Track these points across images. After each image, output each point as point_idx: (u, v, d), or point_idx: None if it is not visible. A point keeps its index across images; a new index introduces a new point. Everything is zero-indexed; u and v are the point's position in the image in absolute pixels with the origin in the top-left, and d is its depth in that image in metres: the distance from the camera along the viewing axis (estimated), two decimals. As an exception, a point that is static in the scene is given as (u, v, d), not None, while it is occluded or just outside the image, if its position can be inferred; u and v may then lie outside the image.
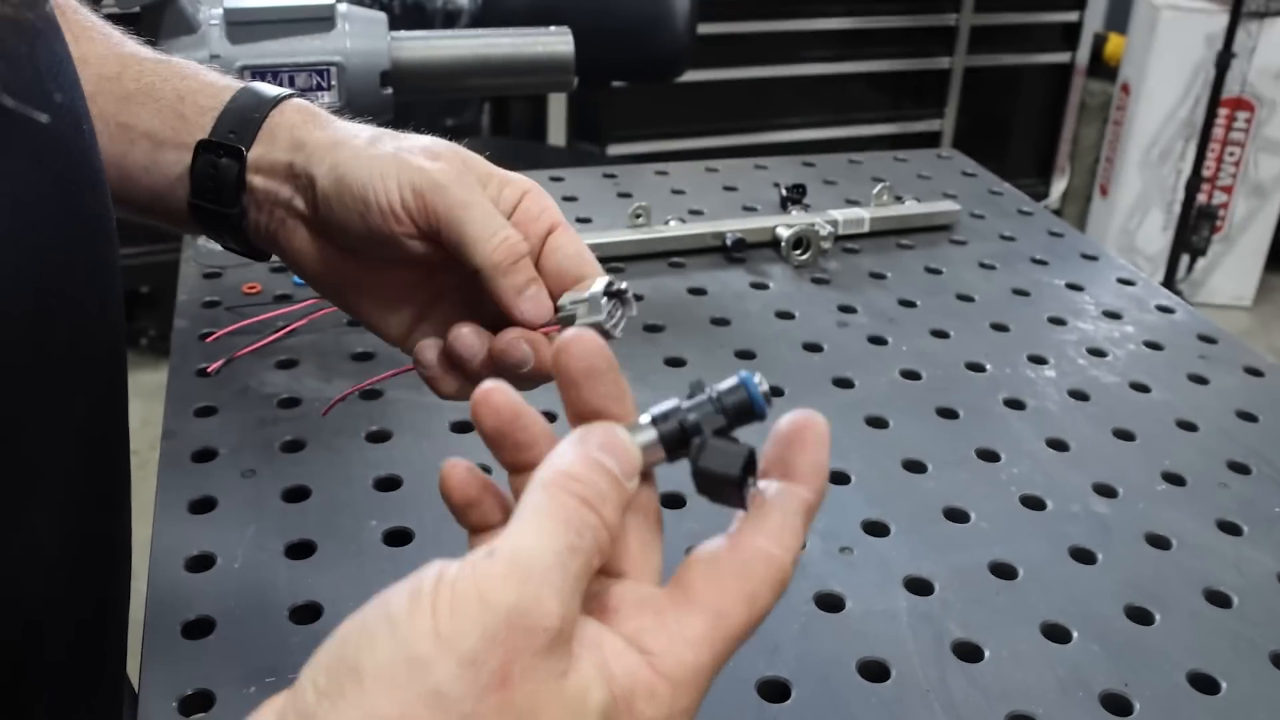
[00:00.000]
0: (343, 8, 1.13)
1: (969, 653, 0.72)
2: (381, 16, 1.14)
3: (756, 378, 0.42)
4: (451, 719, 0.33)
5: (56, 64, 0.52)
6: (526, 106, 3.06)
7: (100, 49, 0.67)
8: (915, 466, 0.89)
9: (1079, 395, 1.00)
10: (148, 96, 0.65)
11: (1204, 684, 0.70)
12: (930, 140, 3.57)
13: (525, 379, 0.57)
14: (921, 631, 0.73)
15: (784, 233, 1.20)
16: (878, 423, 0.95)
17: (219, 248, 0.83)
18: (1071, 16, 3.60)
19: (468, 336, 0.58)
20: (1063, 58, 3.65)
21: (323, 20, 1.11)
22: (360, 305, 0.65)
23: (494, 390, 0.43)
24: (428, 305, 0.64)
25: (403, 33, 1.15)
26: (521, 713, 0.34)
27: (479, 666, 0.33)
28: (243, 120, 0.63)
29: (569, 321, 0.57)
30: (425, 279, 0.63)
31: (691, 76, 2.62)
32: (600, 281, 0.57)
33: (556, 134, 3.02)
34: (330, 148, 0.61)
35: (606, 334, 0.55)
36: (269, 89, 0.65)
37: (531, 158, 2.53)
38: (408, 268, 0.62)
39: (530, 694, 0.34)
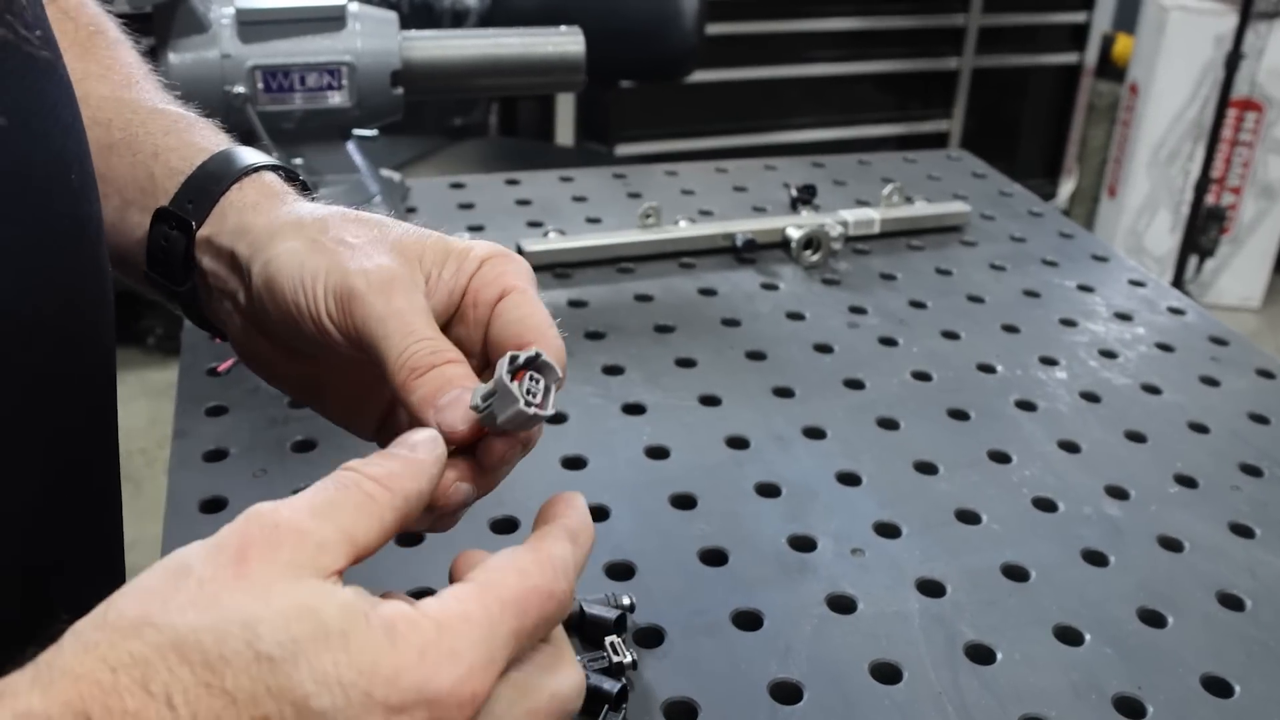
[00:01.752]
0: (354, 7, 1.13)
1: (981, 655, 0.71)
2: (392, 16, 1.14)
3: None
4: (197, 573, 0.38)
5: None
6: (534, 106, 3.06)
7: (104, 90, 0.63)
8: (926, 468, 0.89)
9: (1090, 397, 1.00)
10: (128, 149, 0.60)
11: (1217, 687, 0.70)
12: (938, 141, 3.57)
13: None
14: (933, 633, 0.73)
15: (794, 233, 1.20)
16: (889, 424, 0.94)
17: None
18: (1080, 17, 3.59)
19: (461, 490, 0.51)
20: (1071, 58, 3.65)
21: (334, 20, 1.11)
22: (325, 405, 0.61)
23: None
24: (391, 401, 0.58)
25: (413, 32, 1.16)
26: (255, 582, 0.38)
27: (221, 546, 0.39)
28: (202, 191, 0.58)
29: (491, 421, 0.49)
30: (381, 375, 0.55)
31: (699, 77, 2.62)
32: (502, 363, 0.48)
33: (564, 134, 3.02)
34: (269, 239, 0.55)
35: (535, 418, 0.48)
36: (248, 156, 0.60)
37: (539, 158, 2.53)
38: (362, 365, 0.54)
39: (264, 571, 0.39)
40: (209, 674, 0.36)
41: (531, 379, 0.48)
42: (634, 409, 0.94)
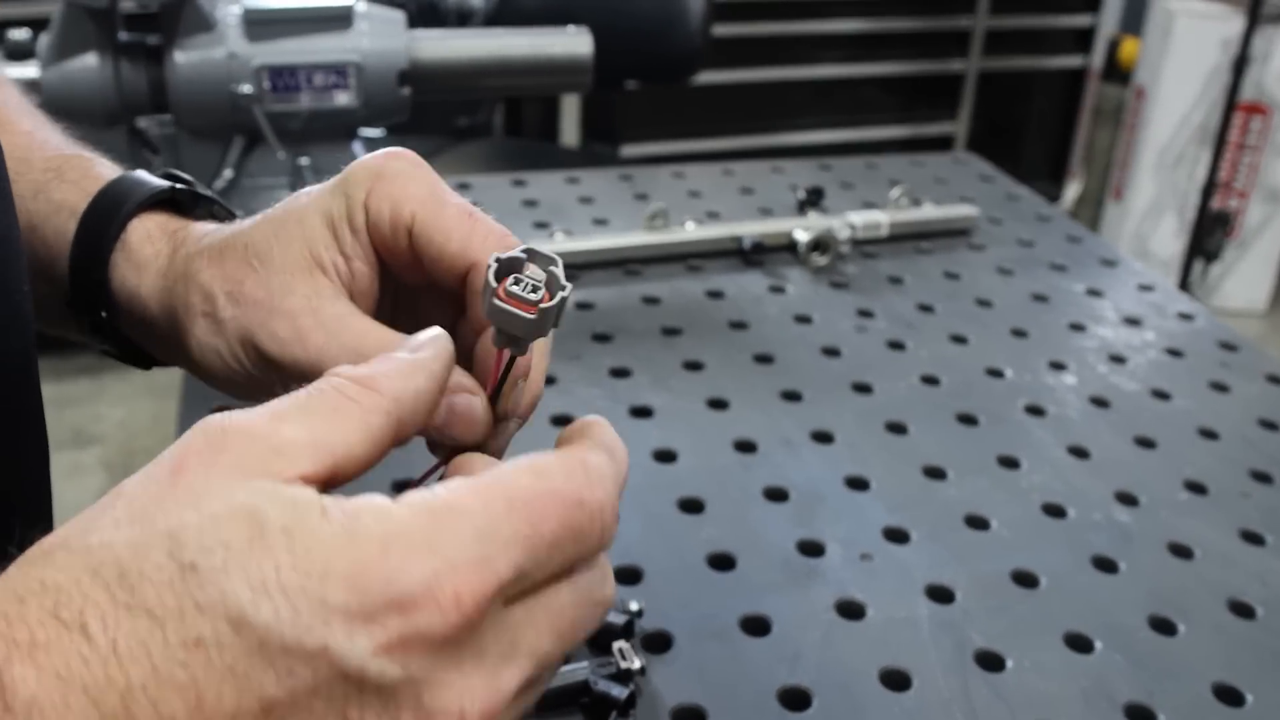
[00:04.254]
0: (361, 7, 1.12)
1: (991, 662, 0.71)
2: (399, 16, 1.14)
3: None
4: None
5: None
6: (539, 106, 3.06)
7: None
8: (935, 473, 0.89)
9: (1099, 402, 0.99)
10: None
11: (1229, 696, 0.70)
12: (943, 143, 3.56)
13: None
14: (943, 640, 0.72)
15: (802, 236, 1.19)
16: (897, 429, 0.94)
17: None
18: (1086, 20, 3.59)
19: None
20: (1077, 61, 3.64)
21: (341, 19, 1.11)
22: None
23: None
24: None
25: (421, 31, 1.15)
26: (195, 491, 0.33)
27: (159, 462, 0.34)
28: (87, 276, 0.54)
29: (516, 343, 0.45)
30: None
31: (705, 78, 2.62)
32: (485, 290, 0.43)
33: (569, 134, 3.02)
34: (171, 327, 0.52)
35: (553, 309, 0.43)
36: (111, 207, 0.54)
37: (544, 158, 2.52)
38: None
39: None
40: (126, 594, 0.30)
41: (515, 282, 0.43)
42: (641, 412, 0.94)
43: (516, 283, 0.43)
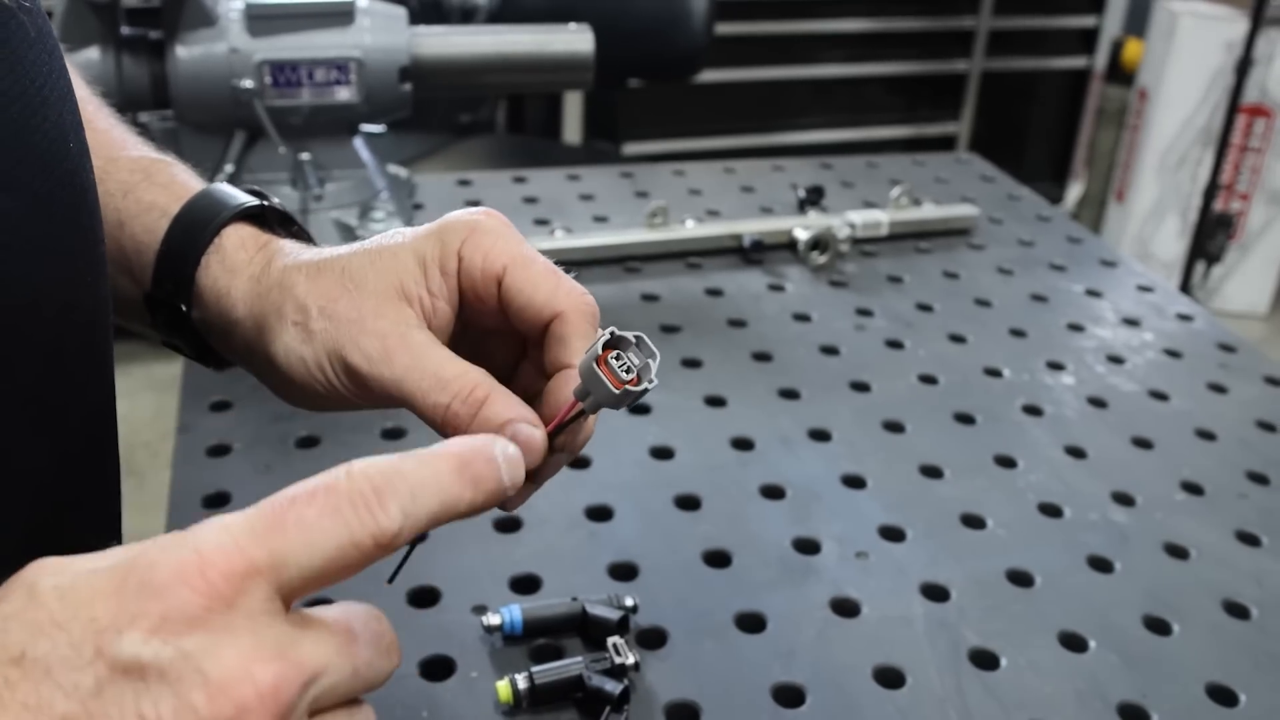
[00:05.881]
0: (363, 2, 1.12)
1: (985, 661, 0.71)
2: (401, 11, 1.14)
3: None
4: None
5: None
6: (541, 103, 3.06)
7: None
8: (932, 472, 0.89)
9: (1097, 402, 0.99)
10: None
11: (1223, 696, 0.70)
12: (946, 144, 3.56)
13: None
14: (938, 639, 0.72)
15: (802, 235, 1.19)
16: (895, 427, 0.94)
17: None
18: (1089, 21, 3.58)
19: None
20: (1080, 62, 3.64)
21: (342, 15, 1.11)
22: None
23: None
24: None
25: (422, 28, 1.15)
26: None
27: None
28: (176, 273, 0.58)
29: (595, 407, 0.50)
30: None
31: (708, 76, 2.62)
32: (589, 351, 0.49)
33: (571, 132, 3.02)
34: (258, 334, 0.56)
35: (635, 394, 0.48)
36: (202, 214, 0.58)
37: (546, 155, 2.52)
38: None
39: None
40: None
41: (621, 365, 0.48)
42: (639, 408, 0.94)
43: (618, 358, 0.48)
